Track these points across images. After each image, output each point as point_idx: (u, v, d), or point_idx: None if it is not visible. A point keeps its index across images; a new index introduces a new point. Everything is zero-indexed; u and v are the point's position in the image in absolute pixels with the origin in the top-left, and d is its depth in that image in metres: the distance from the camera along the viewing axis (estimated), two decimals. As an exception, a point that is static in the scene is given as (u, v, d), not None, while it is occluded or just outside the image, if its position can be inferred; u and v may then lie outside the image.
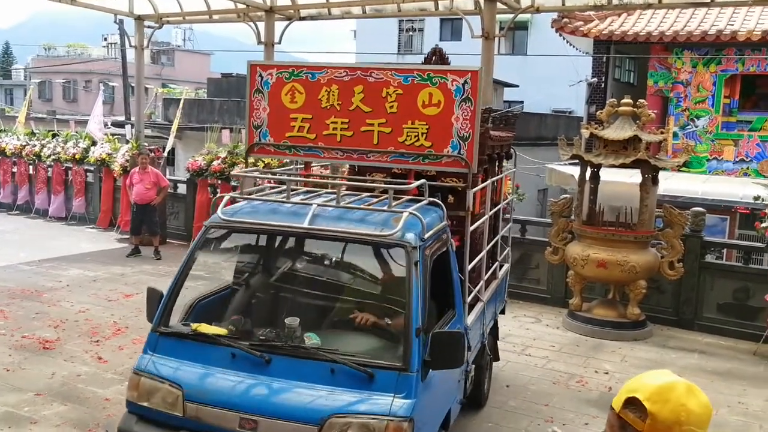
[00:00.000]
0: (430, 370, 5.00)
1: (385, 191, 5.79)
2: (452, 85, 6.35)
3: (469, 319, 6.64)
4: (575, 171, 12.05)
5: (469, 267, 6.70)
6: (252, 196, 6.13)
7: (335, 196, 5.88)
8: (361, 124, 6.65)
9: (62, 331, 10.12)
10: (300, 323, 5.29)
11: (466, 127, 6.37)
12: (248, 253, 6.70)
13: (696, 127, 19.64)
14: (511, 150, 8.93)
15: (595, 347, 10.60)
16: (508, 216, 10.13)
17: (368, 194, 6.48)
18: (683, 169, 18.94)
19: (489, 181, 7.57)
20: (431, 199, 6.21)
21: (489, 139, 7.29)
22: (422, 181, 6.19)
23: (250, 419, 4.79)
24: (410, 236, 5.26)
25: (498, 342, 9.10)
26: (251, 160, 7.78)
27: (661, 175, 11.79)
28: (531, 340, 10.78)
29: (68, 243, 16.51)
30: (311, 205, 5.55)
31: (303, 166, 8.01)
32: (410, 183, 6.32)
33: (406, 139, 6.53)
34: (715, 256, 13.39)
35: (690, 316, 11.61)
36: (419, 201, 6.02)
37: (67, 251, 15.51)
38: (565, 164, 17.14)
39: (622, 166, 10.92)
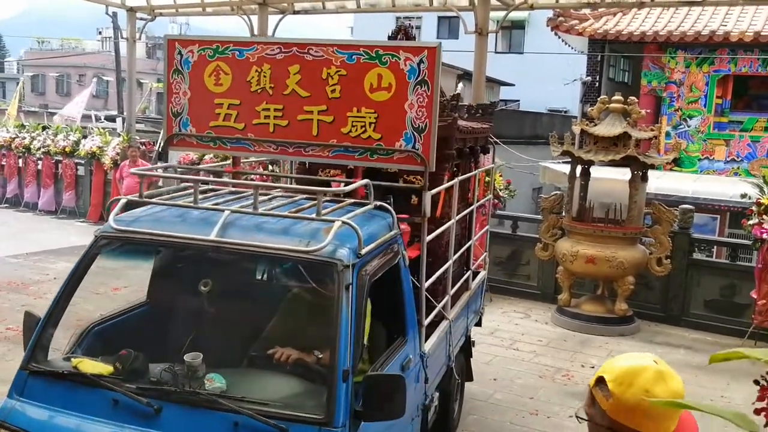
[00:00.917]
0: (363, 423, 3.97)
1: (322, 195, 4.60)
2: (405, 65, 5.18)
3: (429, 343, 5.70)
4: (568, 169, 12.07)
5: (428, 283, 5.69)
6: (153, 200, 5.02)
7: (269, 197, 5.04)
8: (297, 112, 5.49)
9: (48, 322, 10.05)
10: (203, 360, 4.13)
11: (421, 116, 5.21)
12: (148, 270, 5.46)
13: (688, 126, 19.65)
14: (489, 144, 8.07)
15: (582, 342, 10.62)
16: (485, 216, 9.39)
17: (305, 196, 5.30)
18: (675, 168, 19.05)
19: (456, 180, 6.46)
20: (379, 203, 5.11)
21: (458, 131, 6.35)
22: (365, 181, 5.14)
23: None
24: (342, 252, 4.20)
25: (471, 360, 8.08)
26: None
27: (653, 174, 11.81)
28: (519, 335, 10.78)
29: (57, 236, 16.40)
30: (223, 211, 4.51)
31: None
32: (357, 181, 5.26)
33: (350, 130, 5.37)
34: (705, 254, 13.41)
35: (677, 312, 11.63)
36: (364, 205, 5.03)
37: (56, 244, 15.39)
38: (559, 162, 17.14)
39: (612, 162, 10.94)
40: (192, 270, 5.13)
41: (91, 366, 4.22)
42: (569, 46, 22.44)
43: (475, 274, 7.97)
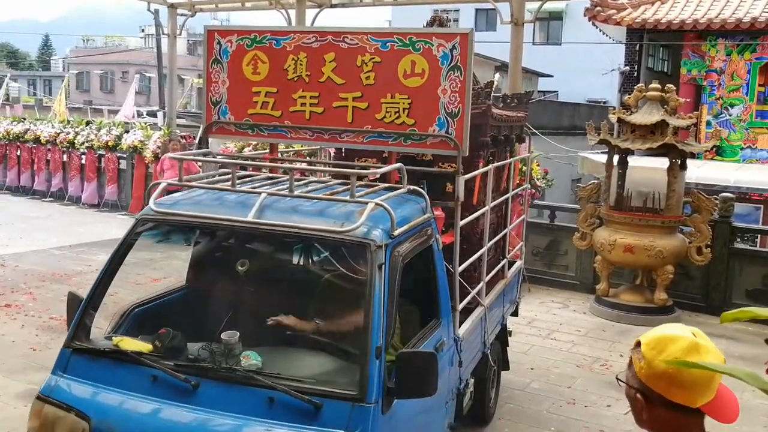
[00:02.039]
0: (396, 400, 4.04)
1: (354, 179, 4.65)
2: (438, 51, 5.28)
3: (463, 327, 5.76)
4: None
5: (462, 267, 5.75)
6: (192, 184, 5.15)
7: (305, 182, 5.18)
8: (333, 99, 5.59)
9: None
10: (240, 338, 4.25)
11: (454, 102, 5.28)
12: (188, 252, 5.68)
13: (730, 115, 19.37)
14: (526, 133, 8.11)
15: (621, 332, 10.55)
16: (522, 206, 9.41)
17: (339, 181, 5.38)
18: (716, 157, 18.81)
19: (490, 167, 6.51)
20: (412, 187, 5.17)
21: (492, 119, 6.44)
22: (398, 165, 5.18)
23: None
24: (375, 233, 4.28)
25: (507, 349, 8.12)
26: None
27: (694, 163, 11.67)
28: (557, 325, 10.75)
29: (100, 229, 16.67)
30: (260, 194, 4.59)
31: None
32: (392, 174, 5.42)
33: (384, 116, 5.46)
34: (749, 243, 13.25)
35: (718, 302, 11.48)
36: (396, 189, 5.07)
37: (98, 237, 15.64)
38: (597, 153, 17.03)
39: (650, 151, 10.84)
40: (229, 251, 5.28)
41: (131, 344, 4.34)
42: (607, 36, 22.25)
43: (512, 263, 7.99)
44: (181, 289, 5.52)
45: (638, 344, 2.36)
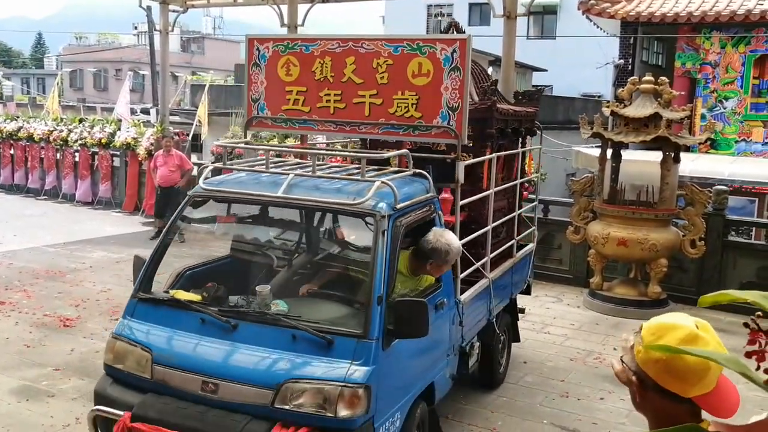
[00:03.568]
0: (398, 341, 5.05)
1: (365, 162, 5.79)
2: (441, 54, 6.25)
3: (466, 294, 6.63)
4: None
5: (463, 241, 6.43)
6: (234, 166, 6.34)
7: (326, 166, 6.14)
8: (353, 96, 6.61)
9: (83, 309, 10.27)
10: (270, 291, 5.47)
11: (455, 97, 6.24)
12: (230, 222, 6.76)
13: (724, 108, 19.40)
14: (536, 127, 8.79)
15: (614, 325, 10.55)
16: (533, 195, 9.99)
17: (355, 165, 6.46)
18: (711, 150, 18.83)
19: (492, 156, 7.30)
20: (416, 170, 6.17)
21: (498, 113, 7.21)
22: (404, 150, 6.41)
23: (211, 382, 4.93)
24: (380, 205, 5.28)
25: (518, 322, 8.94)
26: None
27: (688, 156, 11.65)
28: (551, 319, 10.76)
29: (94, 226, 16.67)
30: (288, 175, 5.65)
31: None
32: (401, 160, 6.70)
33: (396, 110, 6.45)
34: (744, 237, 13.25)
35: (712, 295, 11.48)
36: (403, 173, 6.12)
37: (92, 234, 15.67)
38: (592, 147, 17.03)
39: (644, 144, 10.83)
40: (262, 221, 6.52)
41: (184, 295, 5.53)
42: (601, 29, 22.26)
43: (522, 246, 8.79)
44: (223, 257, 6.72)
45: (641, 329, 2.36)
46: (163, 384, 5.11)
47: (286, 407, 4.75)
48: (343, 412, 4.67)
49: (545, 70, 31.51)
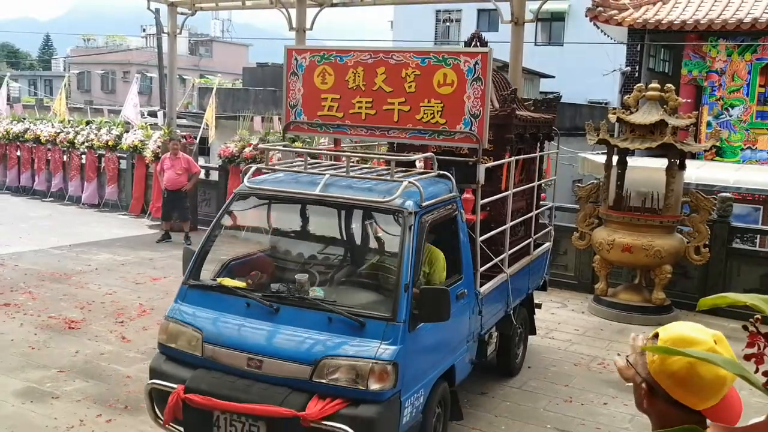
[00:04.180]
0: (422, 324, 5.59)
1: (394, 164, 6.39)
2: (464, 66, 6.77)
3: (485, 286, 7.16)
4: (605, 158, 11.94)
5: (483, 237, 7.12)
6: (275, 167, 6.92)
7: (358, 168, 6.71)
8: (383, 103, 7.16)
9: (88, 312, 10.30)
10: (308, 279, 6.01)
11: (477, 105, 6.77)
12: (271, 217, 7.18)
13: (730, 116, 19.39)
14: (554, 132, 9.31)
15: (619, 331, 10.56)
16: (547, 202, 10.43)
17: (385, 168, 7.06)
18: (716, 158, 18.80)
19: (509, 159, 7.86)
20: (441, 172, 6.67)
21: (516, 119, 7.74)
22: (429, 154, 6.94)
23: (256, 359, 5.50)
24: (407, 203, 5.82)
25: (535, 316, 9.45)
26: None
27: (694, 163, 11.64)
28: (555, 324, 10.76)
29: (100, 229, 16.71)
30: (324, 175, 6.19)
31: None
32: (426, 162, 7.35)
33: (422, 117, 7.00)
34: (749, 244, 13.24)
35: (717, 302, 11.46)
36: (428, 174, 6.67)
37: (98, 237, 15.71)
38: (598, 153, 17.03)
39: (649, 151, 10.84)
40: (301, 216, 7.03)
41: (230, 282, 6.05)
42: (608, 36, 22.24)
43: (539, 245, 9.33)
44: (264, 249, 7.17)
45: (656, 336, 2.34)
46: (212, 360, 5.68)
47: (323, 381, 5.30)
48: (374, 386, 5.23)
49: (552, 77, 31.52)
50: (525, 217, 8.63)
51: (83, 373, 8.12)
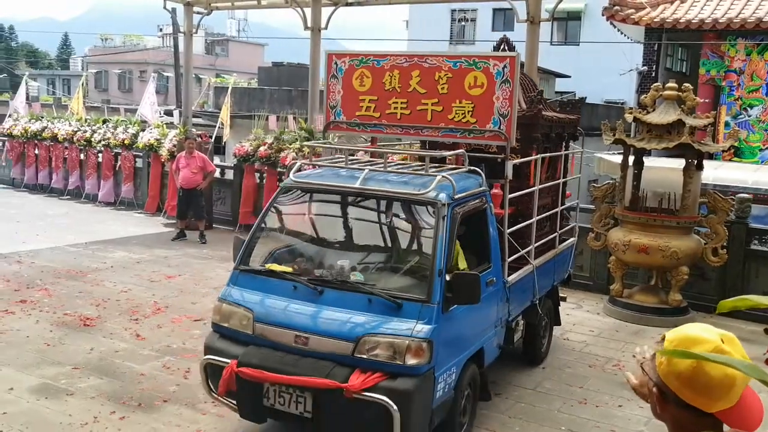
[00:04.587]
0: (454, 306, 6.04)
1: (428, 159, 6.94)
2: (494, 69, 7.21)
3: (513, 276, 7.62)
4: (621, 158, 11.87)
5: (511, 230, 7.61)
6: (318, 162, 7.57)
7: (395, 163, 7.28)
8: (417, 104, 7.65)
9: (103, 309, 10.33)
10: (350, 264, 6.52)
11: (505, 106, 7.22)
12: (315, 208, 7.60)
13: (749, 116, 19.26)
14: (579, 132, 9.92)
15: (635, 333, 10.49)
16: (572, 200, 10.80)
17: (420, 164, 7.49)
18: (735, 159, 18.67)
19: (536, 157, 8.29)
20: (471, 167, 7.19)
21: (543, 119, 8.19)
22: (461, 150, 7.44)
23: (302, 336, 5.99)
24: (441, 196, 6.28)
25: (559, 309, 9.80)
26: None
27: (711, 164, 11.54)
28: (570, 325, 10.68)
29: (116, 227, 16.78)
30: (364, 170, 6.72)
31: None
32: (457, 158, 7.78)
33: (454, 116, 7.48)
34: (767, 246, 13.11)
35: (734, 304, 11.35)
36: (460, 169, 7.14)
37: (114, 235, 15.78)
38: (614, 153, 16.94)
39: (666, 151, 10.75)
40: (343, 208, 7.39)
41: (278, 267, 6.54)
42: (625, 35, 22.14)
43: (564, 240, 9.73)
44: (308, 238, 7.51)
45: (664, 339, 2.31)
46: (262, 338, 6.17)
47: (364, 356, 5.76)
48: (411, 361, 5.67)
49: (569, 77, 31.39)
50: (550, 212, 9.16)
51: (98, 370, 8.13)
